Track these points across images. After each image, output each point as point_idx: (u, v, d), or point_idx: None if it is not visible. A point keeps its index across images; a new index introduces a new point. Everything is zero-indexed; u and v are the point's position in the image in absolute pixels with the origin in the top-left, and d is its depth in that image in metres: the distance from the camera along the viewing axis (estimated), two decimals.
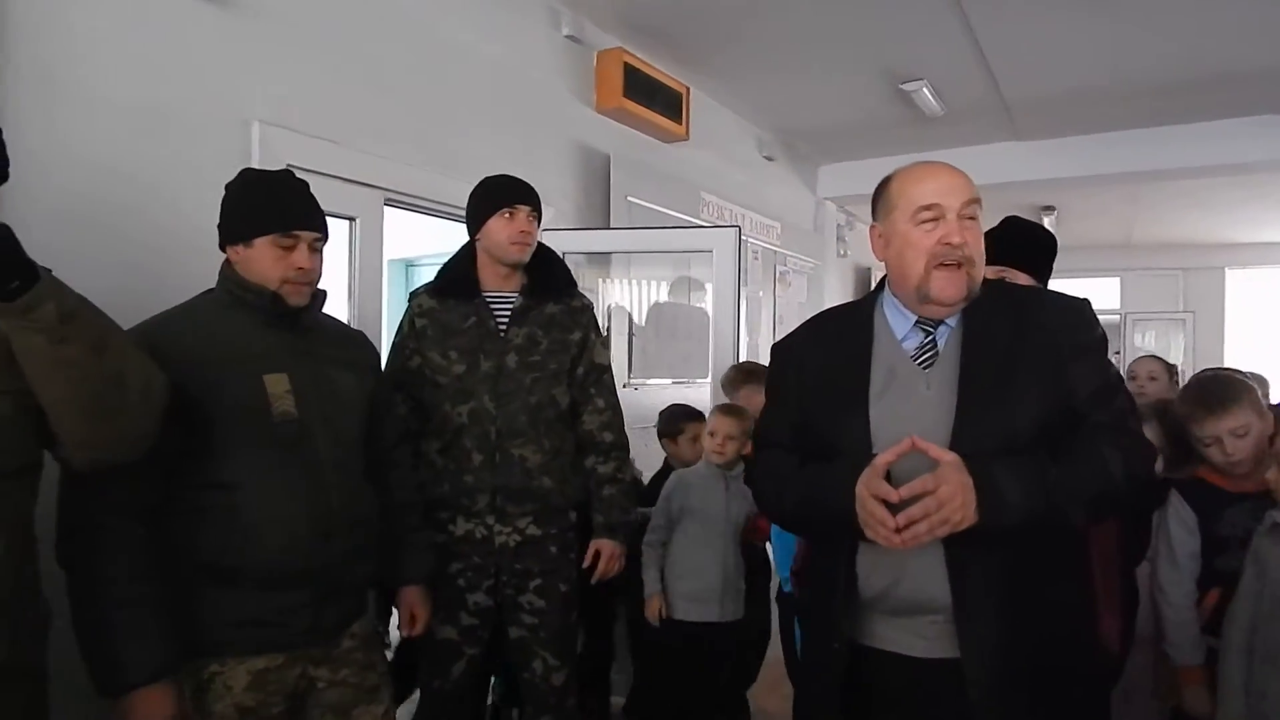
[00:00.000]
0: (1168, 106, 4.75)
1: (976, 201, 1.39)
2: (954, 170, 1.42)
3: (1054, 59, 4.15)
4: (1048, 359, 1.36)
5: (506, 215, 2.12)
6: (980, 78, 4.42)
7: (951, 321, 1.41)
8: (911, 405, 1.38)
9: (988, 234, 1.95)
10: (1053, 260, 1.96)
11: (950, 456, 1.26)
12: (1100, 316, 1.43)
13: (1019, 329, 1.38)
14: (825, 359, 1.49)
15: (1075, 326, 1.40)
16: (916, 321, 1.43)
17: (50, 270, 1.17)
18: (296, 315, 1.64)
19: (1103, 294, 9.83)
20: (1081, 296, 1.45)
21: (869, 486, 1.28)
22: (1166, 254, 9.70)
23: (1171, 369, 3.56)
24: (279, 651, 1.56)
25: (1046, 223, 7.91)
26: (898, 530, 1.24)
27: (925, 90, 4.53)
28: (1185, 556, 2.00)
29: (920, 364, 1.41)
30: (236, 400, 1.53)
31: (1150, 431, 2.10)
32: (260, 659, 1.55)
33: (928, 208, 1.37)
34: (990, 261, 1.74)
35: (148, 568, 1.44)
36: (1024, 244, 1.93)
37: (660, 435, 2.95)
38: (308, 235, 1.61)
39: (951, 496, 1.23)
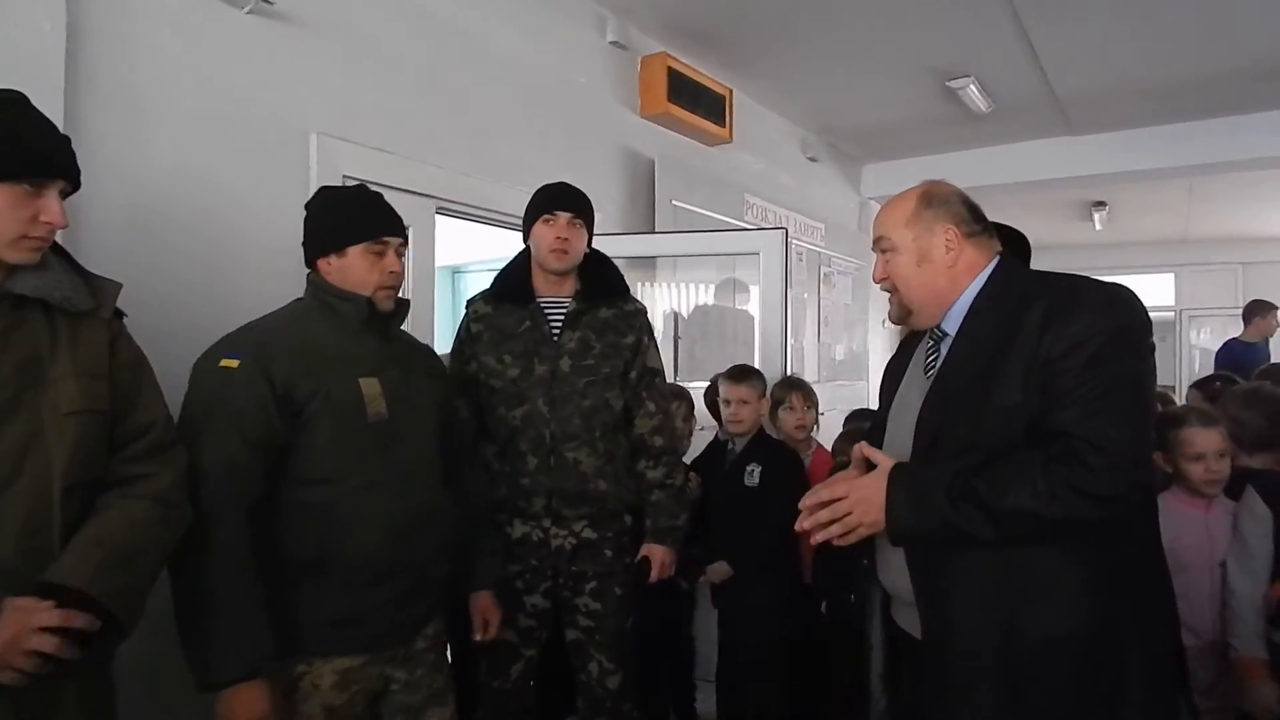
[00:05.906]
0: (1225, 97, 4.63)
1: (882, 238, 1.50)
2: (882, 209, 1.53)
3: (1108, 51, 4.07)
4: (1025, 361, 1.29)
5: (547, 221, 2.15)
6: (1030, 73, 4.35)
7: (951, 330, 1.45)
8: (907, 410, 1.48)
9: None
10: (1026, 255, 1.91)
11: (885, 463, 1.37)
12: (1155, 313, 1.37)
13: (1007, 332, 1.33)
14: (891, 370, 1.67)
15: (1064, 320, 1.28)
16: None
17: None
18: (386, 323, 1.74)
19: (1157, 290, 9.60)
20: (1110, 283, 1.33)
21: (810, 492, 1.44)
22: (1224, 248, 9.44)
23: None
24: (362, 651, 1.63)
25: (1097, 219, 7.78)
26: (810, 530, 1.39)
27: (972, 87, 4.48)
28: (1260, 555, 1.95)
29: (926, 372, 1.49)
30: (335, 401, 1.61)
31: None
32: (345, 659, 1.61)
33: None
34: None
35: (250, 564, 1.49)
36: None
37: None
38: (394, 240, 1.72)
39: (859, 502, 1.35)
